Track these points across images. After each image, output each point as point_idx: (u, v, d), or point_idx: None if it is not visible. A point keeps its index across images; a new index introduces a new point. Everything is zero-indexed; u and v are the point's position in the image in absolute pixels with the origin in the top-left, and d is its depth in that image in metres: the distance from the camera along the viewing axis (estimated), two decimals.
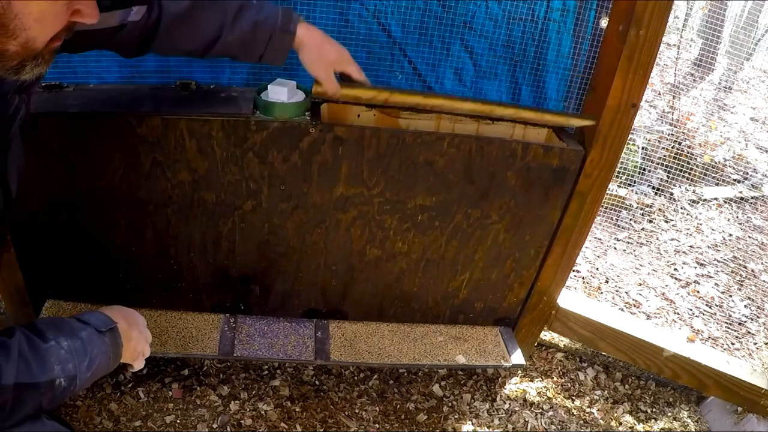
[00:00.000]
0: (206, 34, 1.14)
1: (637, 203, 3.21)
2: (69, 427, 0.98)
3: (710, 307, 2.54)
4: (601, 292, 2.52)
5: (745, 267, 2.89)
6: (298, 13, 1.21)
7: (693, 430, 1.96)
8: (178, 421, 1.65)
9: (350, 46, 1.44)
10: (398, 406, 1.83)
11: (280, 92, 1.34)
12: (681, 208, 3.29)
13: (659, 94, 4.47)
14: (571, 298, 1.88)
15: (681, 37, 4.60)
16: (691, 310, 2.51)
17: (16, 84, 0.86)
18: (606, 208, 3.03)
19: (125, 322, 1.02)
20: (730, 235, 3.17)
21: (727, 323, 2.44)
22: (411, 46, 1.47)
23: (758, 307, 2.59)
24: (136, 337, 1.04)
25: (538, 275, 1.75)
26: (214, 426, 1.65)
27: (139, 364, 1.09)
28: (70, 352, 0.87)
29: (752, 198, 3.53)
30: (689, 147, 3.60)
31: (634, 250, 2.89)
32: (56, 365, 0.85)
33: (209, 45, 1.15)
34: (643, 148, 3.48)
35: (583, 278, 2.60)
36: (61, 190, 1.39)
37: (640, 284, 2.62)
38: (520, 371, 2.01)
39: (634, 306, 2.47)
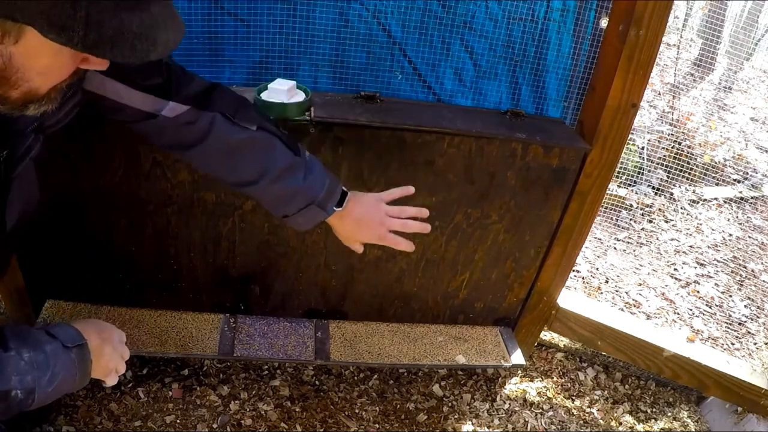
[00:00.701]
0: (244, 174, 1.10)
1: (637, 203, 3.21)
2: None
3: (710, 307, 2.54)
4: (601, 292, 2.52)
5: (745, 267, 2.89)
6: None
7: (693, 430, 1.96)
8: (178, 421, 1.64)
9: (350, 46, 1.44)
10: (398, 406, 1.83)
11: (280, 92, 1.34)
12: (681, 208, 3.29)
13: (659, 94, 4.47)
14: (571, 298, 1.88)
15: (681, 37, 4.60)
16: (691, 310, 2.51)
17: (34, 123, 0.85)
18: (606, 208, 3.03)
19: (98, 338, 0.99)
20: (730, 235, 3.17)
21: (727, 323, 2.44)
22: (411, 46, 1.47)
23: (758, 307, 2.59)
24: (109, 354, 1.00)
25: (538, 275, 1.75)
26: (214, 426, 1.65)
27: (111, 381, 1.05)
28: (31, 365, 0.85)
29: (752, 198, 3.53)
30: (689, 147, 3.60)
31: (634, 250, 2.89)
32: (14, 376, 0.82)
33: (242, 183, 1.12)
34: (643, 148, 3.48)
35: (583, 278, 2.60)
36: (62, 190, 1.39)
37: (640, 284, 2.62)
38: (520, 371, 2.01)
39: (634, 306, 2.47)
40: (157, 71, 1.03)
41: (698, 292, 2.64)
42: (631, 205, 3.20)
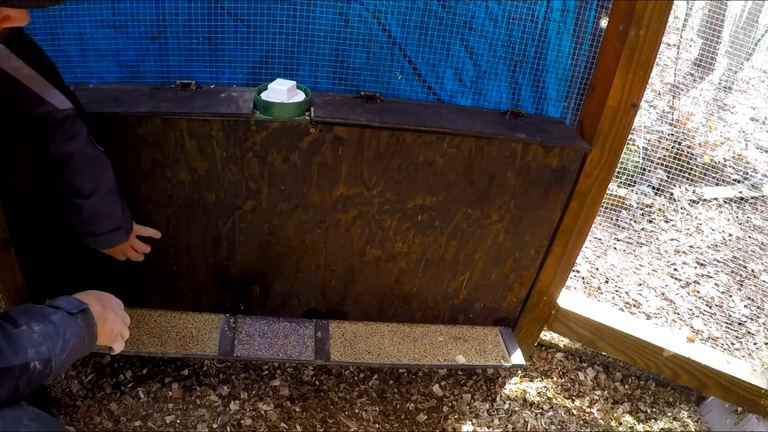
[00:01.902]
0: (82, 185, 1.18)
1: (637, 203, 3.21)
2: (49, 412, 0.99)
3: (710, 307, 2.54)
4: (601, 292, 2.52)
5: (745, 267, 2.89)
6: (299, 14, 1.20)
7: (693, 430, 1.96)
8: (178, 421, 1.64)
9: (350, 46, 1.45)
10: (398, 406, 1.83)
11: (280, 92, 1.34)
12: (681, 208, 3.29)
13: (659, 94, 4.47)
14: (571, 298, 1.88)
15: (681, 37, 4.60)
16: (691, 310, 2.51)
17: None
18: (606, 208, 3.03)
19: (99, 304, 1.05)
20: (730, 235, 3.17)
21: (727, 323, 2.44)
22: (411, 46, 1.47)
23: (758, 307, 2.59)
24: (112, 319, 1.07)
25: (538, 275, 1.75)
26: (214, 426, 1.65)
27: (118, 346, 1.11)
28: (43, 336, 0.89)
29: (752, 198, 3.53)
30: (689, 147, 3.60)
31: (634, 250, 2.89)
32: (29, 349, 0.87)
33: (75, 194, 1.18)
34: (643, 148, 3.48)
35: (583, 278, 2.60)
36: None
37: (640, 284, 2.62)
38: (520, 371, 2.01)
39: (634, 306, 2.47)
40: (45, 57, 1.11)
41: (698, 292, 2.64)
42: (631, 205, 3.20)
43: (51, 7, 0.79)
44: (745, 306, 2.58)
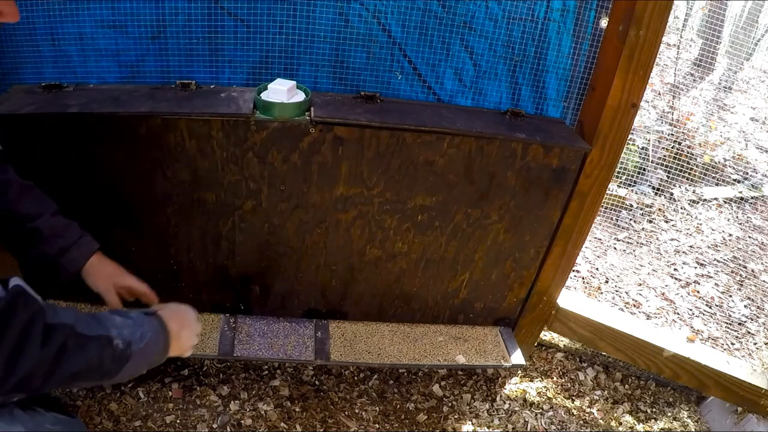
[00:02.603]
0: (30, 209, 1.18)
1: (637, 203, 3.21)
2: (69, 415, 1.03)
3: (710, 307, 2.54)
4: (601, 292, 2.52)
5: (745, 267, 2.89)
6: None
7: (693, 430, 1.96)
8: (178, 421, 1.64)
9: (350, 46, 1.45)
10: (398, 406, 1.83)
11: (280, 92, 1.34)
12: (681, 208, 3.29)
13: (659, 94, 4.47)
14: (571, 298, 1.88)
15: (681, 37, 4.60)
16: (691, 310, 2.51)
17: None
18: (606, 208, 3.03)
19: (177, 323, 1.10)
20: (730, 235, 3.17)
21: (727, 323, 2.44)
22: (411, 46, 1.47)
23: (758, 307, 2.59)
24: (186, 336, 1.13)
25: (538, 275, 1.75)
26: (214, 426, 1.65)
27: (188, 354, 1.17)
28: (123, 322, 0.97)
29: (752, 198, 3.53)
30: (689, 147, 3.60)
31: (634, 250, 2.89)
32: (112, 329, 0.93)
33: (26, 217, 1.17)
34: (643, 148, 3.48)
35: (583, 278, 2.60)
36: (61, 190, 1.39)
37: (640, 284, 2.62)
38: (520, 371, 2.01)
39: (634, 306, 2.47)
40: None
41: (698, 292, 2.64)
42: (631, 205, 3.20)
43: None
44: (745, 306, 2.58)
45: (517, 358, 1.77)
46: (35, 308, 0.85)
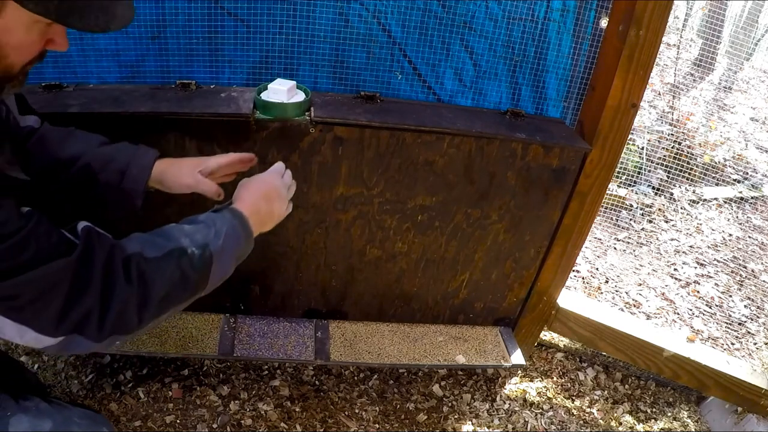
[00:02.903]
0: (72, 149, 1.12)
1: (637, 203, 3.21)
2: (92, 410, 1.02)
3: (710, 307, 2.54)
4: (601, 292, 2.52)
5: (745, 267, 2.89)
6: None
7: (693, 430, 1.96)
8: (178, 421, 1.64)
9: (350, 46, 1.44)
10: (398, 406, 1.83)
11: (280, 92, 1.34)
12: (681, 208, 3.29)
13: (659, 94, 4.47)
14: (571, 298, 1.88)
15: (681, 37, 4.61)
16: (691, 310, 2.51)
17: None
18: (606, 208, 3.03)
19: (264, 201, 1.07)
20: (730, 235, 3.17)
21: (727, 323, 2.44)
22: (411, 46, 1.47)
23: (758, 307, 2.59)
24: (279, 206, 1.10)
25: (538, 275, 1.75)
26: (214, 426, 1.65)
27: (290, 208, 1.15)
28: (193, 228, 0.94)
29: (752, 198, 3.53)
30: (689, 147, 3.60)
31: (634, 250, 2.89)
32: (182, 238, 0.91)
33: (73, 157, 1.12)
34: (643, 148, 3.48)
35: (583, 278, 2.60)
36: None
37: (640, 284, 2.62)
38: (520, 371, 2.01)
39: (634, 306, 2.47)
40: None
41: (698, 292, 2.64)
42: (631, 205, 3.20)
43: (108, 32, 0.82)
44: (745, 306, 2.58)
45: (517, 358, 1.77)
46: (110, 244, 0.84)
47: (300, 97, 1.38)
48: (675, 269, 2.79)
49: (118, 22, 0.80)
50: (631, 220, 3.12)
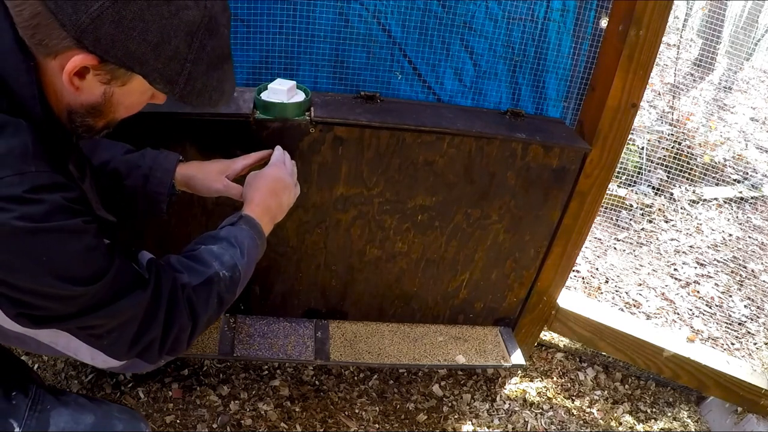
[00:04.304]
0: (101, 156, 1.16)
1: (637, 203, 3.21)
2: (130, 407, 1.09)
3: (710, 307, 2.54)
4: (601, 292, 2.52)
5: (745, 267, 2.89)
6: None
7: (693, 430, 1.96)
8: (178, 421, 1.64)
9: (350, 46, 1.44)
10: (398, 406, 1.83)
11: (280, 92, 1.34)
12: (681, 208, 3.29)
13: (659, 94, 4.47)
14: (571, 298, 1.88)
15: (681, 37, 4.61)
16: (691, 310, 2.51)
17: None
18: (606, 208, 3.03)
19: (273, 199, 1.12)
20: (730, 235, 3.17)
21: (727, 323, 2.44)
22: (411, 46, 1.47)
23: (758, 307, 2.59)
24: (287, 198, 1.16)
25: (538, 275, 1.75)
26: (214, 426, 1.65)
27: (298, 191, 1.22)
28: (221, 249, 0.99)
29: (752, 198, 3.53)
30: (689, 147, 3.60)
31: (634, 250, 2.89)
32: (214, 262, 0.97)
33: (102, 162, 1.16)
34: (643, 148, 3.48)
35: (583, 278, 2.60)
36: None
37: (640, 284, 2.62)
38: (520, 371, 2.01)
39: (634, 306, 2.47)
40: None
41: (698, 292, 2.64)
42: (631, 205, 3.20)
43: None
44: (745, 306, 2.58)
45: (517, 358, 1.77)
46: (173, 277, 0.91)
47: (300, 97, 1.38)
48: (675, 269, 2.79)
49: (226, 99, 0.89)
50: (631, 220, 3.12)
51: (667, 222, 3.19)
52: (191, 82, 0.81)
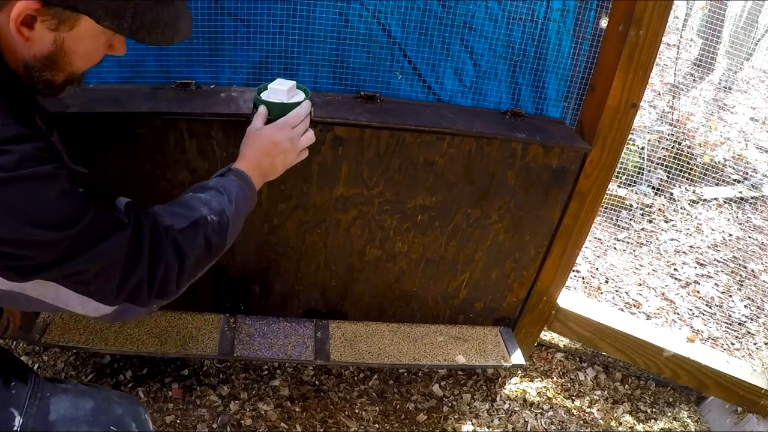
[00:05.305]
0: None
1: (637, 203, 3.21)
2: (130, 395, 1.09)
3: (710, 307, 2.54)
4: (601, 292, 2.52)
5: (745, 267, 2.89)
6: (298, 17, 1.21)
7: (693, 430, 1.96)
8: (178, 421, 1.64)
9: (350, 46, 1.44)
10: (398, 406, 1.83)
11: (280, 92, 1.33)
12: (681, 208, 3.29)
13: (659, 94, 4.47)
14: (571, 298, 1.88)
15: (681, 37, 4.61)
16: (691, 310, 2.51)
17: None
18: (606, 208, 3.03)
19: (266, 158, 1.13)
20: (730, 235, 3.17)
21: (727, 323, 2.44)
22: (411, 46, 1.47)
23: (758, 307, 2.59)
24: (282, 161, 1.15)
25: (538, 275, 1.75)
26: (214, 426, 1.65)
27: (304, 155, 1.21)
28: (208, 196, 1.00)
29: (752, 198, 3.53)
30: (689, 147, 3.60)
31: (634, 250, 2.89)
32: (201, 207, 0.98)
33: None
34: (643, 148, 3.48)
35: (583, 278, 2.60)
36: None
37: (640, 284, 2.62)
38: (520, 371, 2.01)
39: (634, 306, 2.47)
40: None
41: (698, 292, 2.64)
42: (631, 205, 3.20)
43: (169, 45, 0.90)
44: (745, 306, 2.58)
45: (517, 358, 1.77)
46: (153, 217, 0.91)
47: (300, 97, 1.37)
48: (675, 269, 2.79)
49: (181, 35, 0.88)
50: (631, 220, 3.12)
51: (667, 222, 3.19)
52: (139, 16, 0.80)
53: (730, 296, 2.64)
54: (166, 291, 0.91)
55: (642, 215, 3.17)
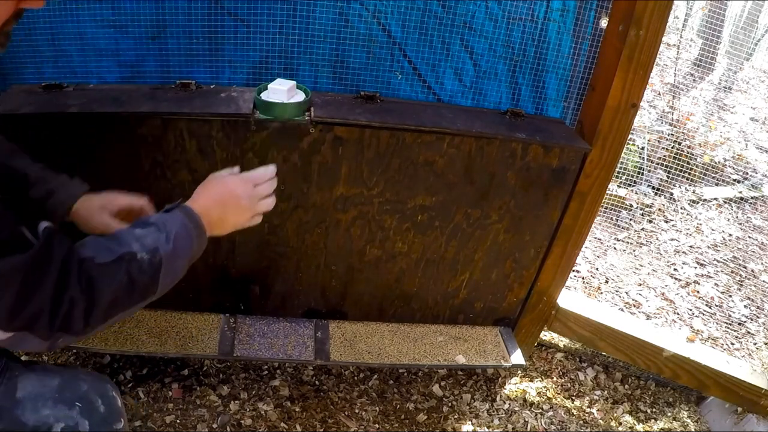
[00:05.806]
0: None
1: (637, 203, 3.21)
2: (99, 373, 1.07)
3: (710, 307, 2.54)
4: (601, 292, 2.52)
5: (745, 267, 2.89)
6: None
7: (693, 430, 1.96)
8: (178, 421, 1.64)
9: (350, 46, 1.45)
10: (398, 406, 1.83)
11: (280, 92, 1.34)
12: (681, 208, 3.29)
13: (659, 94, 4.47)
14: (571, 298, 1.88)
15: (681, 37, 4.61)
16: (690, 310, 2.51)
17: None
18: (606, 208, 3.03)
19: (219, 208, 1.04)
20: (730, 235, 3.17)
21: (726, 323, 2.44)
22: (411, 46, 1.47)
23: (758, 307, 2.59)
24: (234, 217, 1.06)
25: (538, 275, 1.75)
26: (214, 426, 1.65)
27: (258, 219, 1.11)
28: (145, 232, 0.93)
29: (752, 198, 3.53)
30: (689, 147, 3.60)
31: (634, 250, 2.89)
32: (133, 243, 0.90)
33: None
34: (643, 148, 3.48)
35: (583, 278, 2.60)
36: None
37: (640, 284, 2.62)
38: (520, 371, 2.01)
39: (634, 306, 2.47)
40: None
41: (698, 292, 2.64)
42: (631, 205, 3.20)
43: None
44: (745, 306, 2.58)
45: (517, 358, 1.77)
46: (68, 247, 0.85)
47: (300, 97, 1.38)
48: (675, 269, 2.79)
49: None
50: (631, 220, 3.12)
51: (667, 222, 3.19)
52: None
53: (730, 296, 2.64)
54: (71, 327, 0.83)
55: (642, 215, 3.17)
